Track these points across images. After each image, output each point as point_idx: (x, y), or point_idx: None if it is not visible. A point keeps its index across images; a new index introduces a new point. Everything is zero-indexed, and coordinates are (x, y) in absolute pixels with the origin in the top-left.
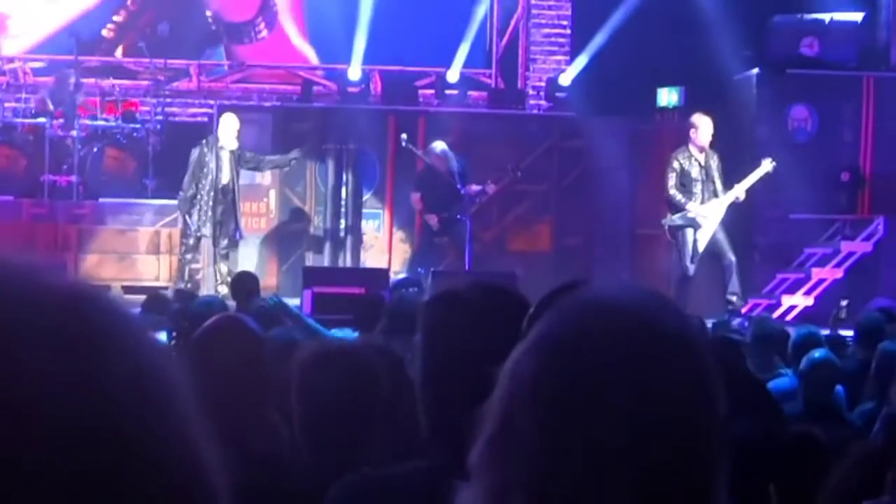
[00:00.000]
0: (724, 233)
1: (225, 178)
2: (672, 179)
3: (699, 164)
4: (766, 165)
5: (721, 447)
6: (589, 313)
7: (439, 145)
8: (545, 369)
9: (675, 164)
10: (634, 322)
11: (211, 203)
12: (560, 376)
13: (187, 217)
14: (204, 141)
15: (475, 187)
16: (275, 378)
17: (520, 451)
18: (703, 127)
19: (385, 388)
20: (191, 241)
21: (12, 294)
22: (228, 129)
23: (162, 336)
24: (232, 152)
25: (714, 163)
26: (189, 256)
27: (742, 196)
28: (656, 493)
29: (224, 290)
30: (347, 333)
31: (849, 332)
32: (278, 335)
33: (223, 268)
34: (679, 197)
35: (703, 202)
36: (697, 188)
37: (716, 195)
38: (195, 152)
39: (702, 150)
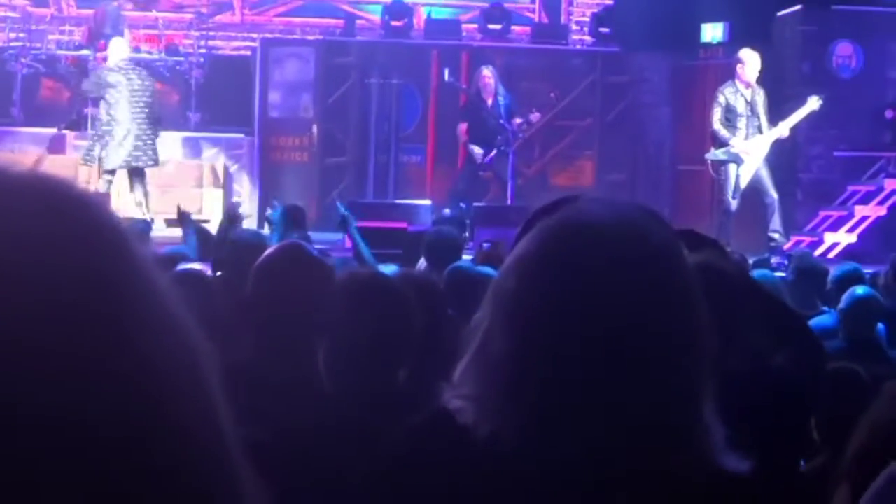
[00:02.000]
0: (768, 170)
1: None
2: (717, 114)
3: (745, 99)
4: (813, 103)
5: (703, 373)
6: (567, 233)
7: (487, 68)
8: (522, 286)
9: (721, 99)
10: (611, 244)
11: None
12: (535, 294)
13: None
14: None
15: (518, 120)
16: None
17: (495, 362)
18: (750, 62)
19: (418, 322)
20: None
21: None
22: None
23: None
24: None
25: (760, 99)
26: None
27: (787, 133)
28: (622, 406)
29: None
30: (391, 269)
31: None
32: (337, 263)
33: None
34: (724, 132)
35: (747, 137)
36: (742, 123)
37: (760, 131)
38: None
39: (748, 85)
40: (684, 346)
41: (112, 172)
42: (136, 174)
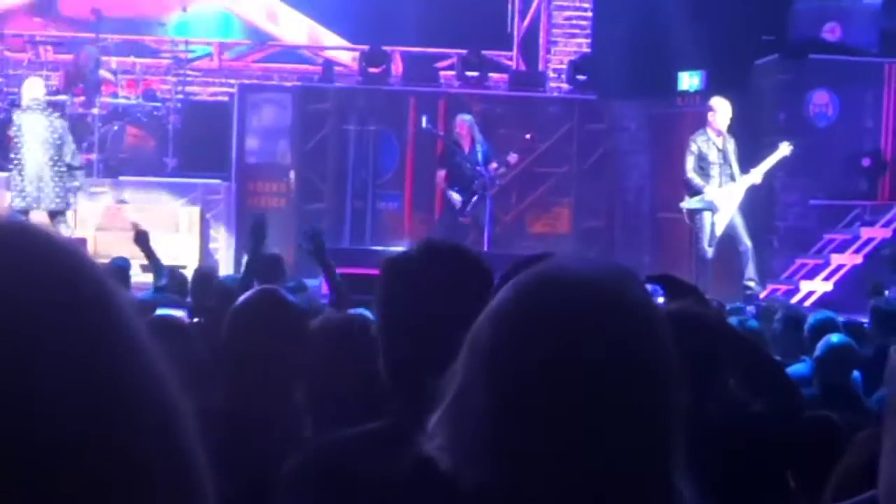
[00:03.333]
0: (742, 218)
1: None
2: (690, 162)
3: (717, 147)
4: (784, 149)
5: (676, 424)
6: (543, 288)
7: (468, 116)
8: (499, 341)
9: (694, 147)
10: (586, 298)
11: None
12: (512, 350)
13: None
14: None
15: (494, 165)
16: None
17: (474, 417)
18: (721, 110)
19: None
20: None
21: None
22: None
23: (180, 314)
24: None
25: (731, 146)
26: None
27: (759, 180)
28: (604, 465)
29: None
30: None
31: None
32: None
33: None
34: (697, 180)
35: (720, 185)
36: (715, 171)
37: (733, 179)
38: None
39: (719, 133)
40: (659, 402)
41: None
42: (55, 217)
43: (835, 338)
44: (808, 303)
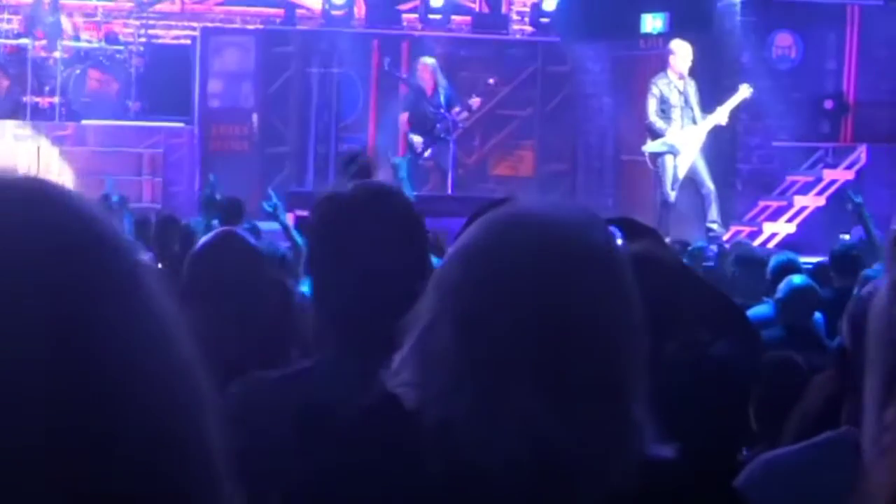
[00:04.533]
0: (704, 161)
1: None
2: (652, 106)
3: (678, 90)
4: (744, 91)
5: (637, 362)
6: (509, 227)
7: (430, 60)
8: (465, 279)
9: (655, 91)
10: (552, 238)
11: None
12: (477, 287)
13: None
14: None
15: (457, 109)
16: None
17: (441, 353)
18: (681, 53)
19: None
20: None
21: None
22: None
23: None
24: None
25: (692, 89)
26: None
27: (724, 121)
28: (568, 401)
29: None
30: None
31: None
32: (266, 248)
33: None
34: (659, 123)
35: (682, 128)
36: (676, 114)
37: (694, 122)
38: None
39: (680, 76)
40: (620, 339)
41: None
42: None
43: (797, 279)
44: (771, 244)
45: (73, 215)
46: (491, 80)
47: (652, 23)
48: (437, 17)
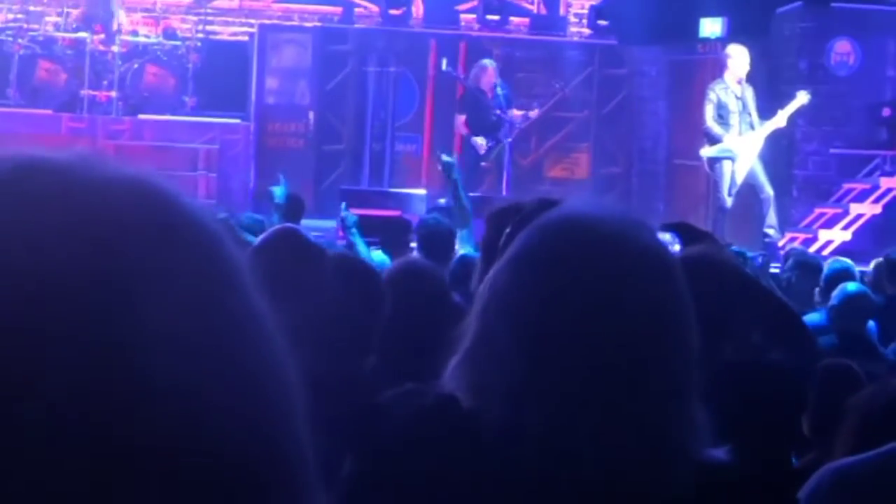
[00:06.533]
0: (762, 166)
1: None
2: (710, 111)
3: (735, 95)
4: (802, 97)
5: (692, 366)
6: (565, 232)
7: (490, 62)
8: (521, 284)
9: (712, 96)
10: (608, 243)
11: None
12: (535, 291)
13: None
14: None
15: (517, 113)
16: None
17: (498, 360)
18: (738, 58)
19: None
20: None
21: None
22: None
23: None
24: None
25: (750, 95)
26: None
27: (783, 124)
28: (622, 404)
29: None
30: (379, 255)
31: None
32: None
33: None
34: (717, 129)
35: (739, 134)
36: (734, 120)
37: (752, 127)
38: None
39: (738, 81)
40: (676, 342)
41: None
42: None
43: (851, 286)
44: (826, 252)
45: (189, 213)
46: (558, 86)
47: (710, 27)
48: (495, 17)
